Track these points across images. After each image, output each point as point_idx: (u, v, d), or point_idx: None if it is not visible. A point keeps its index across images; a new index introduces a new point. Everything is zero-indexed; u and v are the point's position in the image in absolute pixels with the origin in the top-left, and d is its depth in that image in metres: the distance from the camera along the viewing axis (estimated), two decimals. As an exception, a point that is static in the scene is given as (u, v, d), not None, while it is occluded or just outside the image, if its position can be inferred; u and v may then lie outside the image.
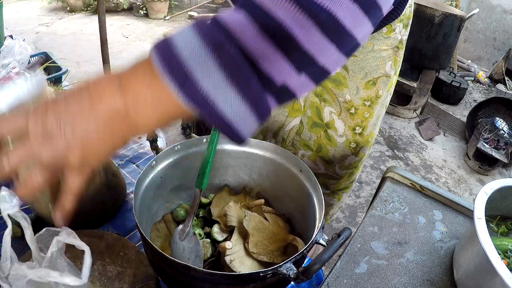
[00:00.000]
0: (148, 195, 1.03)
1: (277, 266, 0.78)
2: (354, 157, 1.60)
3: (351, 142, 1.53)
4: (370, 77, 1.39)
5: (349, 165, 1.63)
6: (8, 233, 0.68)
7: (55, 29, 7.51)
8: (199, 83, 0.48)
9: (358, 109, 1.44)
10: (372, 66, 1.37)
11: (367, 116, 1.47)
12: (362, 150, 1.58)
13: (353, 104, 1.44)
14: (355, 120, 1.47)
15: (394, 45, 1.36)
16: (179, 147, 1.11)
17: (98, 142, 0.58)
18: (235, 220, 1.07)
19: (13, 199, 0.66)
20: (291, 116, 1.46)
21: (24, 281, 0.64)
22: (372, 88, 1.41)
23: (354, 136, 1.52)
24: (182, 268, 0.78)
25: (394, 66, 1.42)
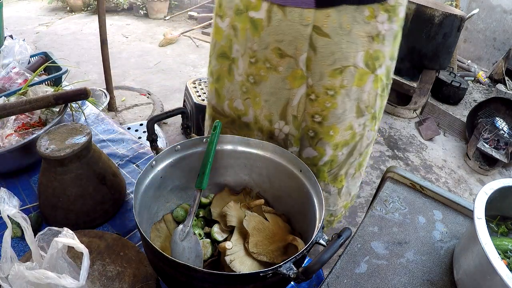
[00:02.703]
0: (148, 195, 1.03)
1: (277, 266, 0.78)
2: (311, 150, 1.48)
3: (309, 130, 1.43)
4: (339, 65, 1.30)
5: (307, 160, 1.50)
6: (8, 234, 0.68)
7: (55, 29, 7.51)
8: None
9: (319, 96, 1.35)
10: (343, 52, 1.27)
11: (329, 106, 1.37)
12: (321, 144, 1.46)
13: (313, 90, 1.35)
14: (314, 107, 1.38)
15: (371, 34, 1.28)
16: (179, 147, 1.11)
17: None
18: (235, 220, 1.08)
19: (12, 200, 0.67)
20: (295, 86, 1.35)
21: (24, 281, 0.64)
22: (337, 77, 1.32)
23: (312, 123, 1.41)
24: (182, 268, 0.78)
25: (365, 60, 1.33)
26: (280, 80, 1.32)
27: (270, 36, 1.26)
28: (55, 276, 0.62)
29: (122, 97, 4.79)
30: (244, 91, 1.40)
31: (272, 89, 1.35)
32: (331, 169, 1.53)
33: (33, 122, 1.55)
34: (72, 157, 1.13)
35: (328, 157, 1.47)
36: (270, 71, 1.32)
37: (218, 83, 1.50)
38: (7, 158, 1.38)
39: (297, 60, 1.28)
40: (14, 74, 1.87)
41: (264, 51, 1.29)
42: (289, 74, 1.31)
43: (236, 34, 1.33)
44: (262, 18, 1.25)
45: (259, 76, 1.34)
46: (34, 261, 0.69)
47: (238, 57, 1.37)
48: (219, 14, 1.40)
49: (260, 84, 1.36)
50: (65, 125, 1.22)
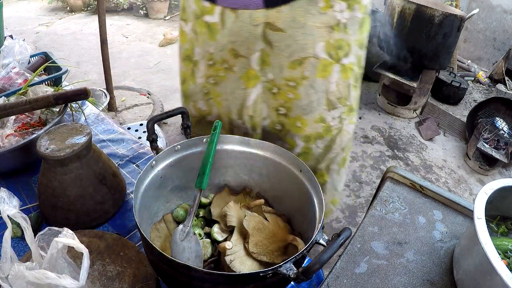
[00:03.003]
0: (148, 195, 1.03)
1: (277, 266, 0.78)
2: (283, 142, 1.49)
3: (276, 124, 1.46)
4: (297, 57, 1.30)
5: None
6: (8, 234, 0.68)
7: (55, 29, 7.51)
8: None
9: (281, 89, 1.37)
10: (300, 44, 1.28)
11: (291, 97, 1.38)
12: (290, 136, 1.48)
13: (275, 84, 1.37)
14: (277, 100, 1.40)
15: (329, 24, 1.27)
16: (179, 147, 1.11)
17: None
18: (235, 220, 1.08)
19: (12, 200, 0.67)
20: (249, 86, 1.39)
21: (24, 281, 0.64)
22: (297, 68, 1.32)
23: (278, 116, 1.44)
24: (182, 268, 0.79)
25: (327, 50, 1.32)
26: (236, 80, 1.37)
27: (225, 38, 1.30)
28: (55, 276, 0.62)
29: (122, 97, 4.79)
30: (206, 92, 1.46)
31: (230, 88, 1.40)
32: (306, 161, 1.44)
33: (33, 122, 1.56)
34: (72, 157, 1.13)
35: (300, 149, 1.49)
36: (228, 71, 1.36)
37: (183, 85, 1.55)
38: (7, 158, 1.38)
39: (249, 60, 1.32)
40: (14, 74, 1.87)
41: (221, 52, 1.34)
42: (243, 74, 1.36)
43: (197, 38, 1.37)
44: (216, 22, 1.29)
45: (219, 77, 1.39)
46: (34, 261, 0.69)
47: (199, 60, 1.41)
48: (183, 18, 1.43)
49: (220, 85, 1.41)
50: (65, 125, 1.22)
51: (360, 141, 4.24)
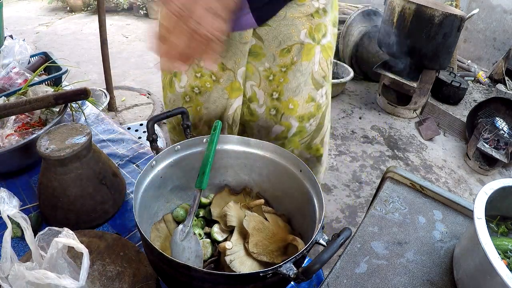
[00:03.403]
0: (148, 195, 1.03)
1: (277, 266, 0.78)
2: (279, 126, 1.58)
3: (271, 109, 1.54)
4: (285, 45, 1.40)
5: (276, 137, 1.62)
6: (8, 234, 0.68)
7: (55, 29, 7.53)
8: None
9: (275, 75, 1.47)
10: (285, 34, 1.38)
11: (282, 81, 1.48)
12: (285, 118, 1.55)
13: (272, 71, 1.46)
14: (272, 86, 1.49)
15: (308, 13, 1.38)
16: (179, 147, 1.11)
17: None
18: (235, 220, 1.08)
19: (12, 200, 0.67)
20: (232, 97, 1.48)
21: (24, 281, 0.64)
22: (287, 56, 1.43)
23: (272, 101, 1.53)
24: (182, 268, 0.78)
25: (311, 35, 1.42)
26: (221, 90, 1.45)
27: None
28: (55, 277, 0.62)
29: (122, 97, 4.80)
30: (187, 101, 1.51)
31: (213, 98, 1.48)
32: (302, 138, 1.63)
33: (33, 122, 1.56)
34: (72, 157, 1.13)
35: (295, 129, 1.58)
36: (215, 82, 1.44)
37: (163, 91, 1.61)
38: (7, 158, 1.37)
39: (236, 73, 1.42)
40: (14, 74, 1.88)
41: None
42: (228, 85, 1.45)
43: None
44: None
45: (204, 87, 1.46)
46: (34, 261, 0.69)
47: (182, 71, 1.47)
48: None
49: (204, 94, 1.48)
50: (65, 125, 1.22)
51: (360, 141, 4.25)
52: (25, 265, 0.65)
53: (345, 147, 4.13)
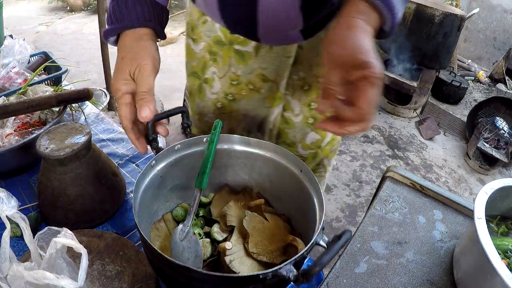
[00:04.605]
0: (147, 195, 1.03)
1: (277, 268, 0.77)
2: (315, 134, 1.60)
3: (308, 118, 1.55)
4: None
5: (311, 144, 1.64)
6: (7, 234, 0.68)
7: (55, 29, 7.52)
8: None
9: (311, 85, 1.47)
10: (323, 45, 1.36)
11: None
12: None
13: (306, 81, 1.46)
14: (309, 96, 1.49)
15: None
16: (179, 146, 1.11)
17: None
18: (235, 220, 1.07)
19: (11, 200, 0.67)
20: (273, 105, 1.49)
21: (23, 281, 0.64)
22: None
23: (310, 111, 1.53)
24: (182, 269, 0.78)
25: None
26: (261, 99, 1.45)
27: (255, 64, 1.37)
28: (53, 277, 0.62)
29: (122, 97, 4.79)
30: (219, 107, 1.50)
31: (252, 106, 1.47)
32: (332, 146, 1.68)
33: (33, 122, 1.55)
34: (71, 156, 1.13)
35: (329, 138, 1.62)
36: (252, 91, 1.43)
37: (190, 97, 1.59)
38: (7, 157, 1.37)
39: (278, 85, 1.42)
40: (14, 73, 1.89)
41: (248, 75, 1.39)
42: (269, 95, 1.44)
43: (215, 59, 1.40)
44: (250, 51, 1.34)
45: (240, 95, 1.45)
46: (33, 261, 0.69)
47: (214, 78, 1.44)
48: (191, 37, 1.45)
49: (239, 101, 1.46)
50: (64, 124, 1.22)
51: (360, 140, 4.25)
52: (23, 265, 0.65)
53: (345, 146, 4.13)
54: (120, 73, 1.00)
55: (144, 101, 0.97)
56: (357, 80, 0.77)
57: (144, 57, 1.00)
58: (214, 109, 1.51)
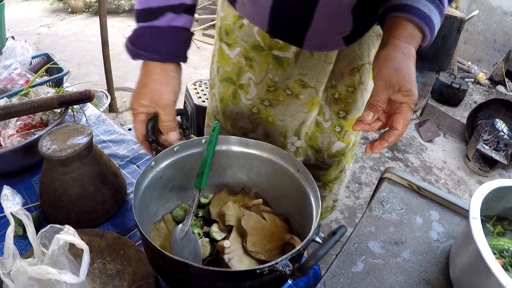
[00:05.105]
0: (147, 195, 1.04)
1: (274, 263, 0.79)
2: (340, 143, 1.63)
3: (336, 126, 1.58)
4: (355, 64, 1.42)
5: (336, 153, 1.67)
6: (11, 231, 0.69)
7: (56, 30, 7.53)
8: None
9: (342, 94, 1.49)
10: (357, 53, 1.39)
11: (350, 101, 1.51)
12: (347, 135, 1.62)
13: (337, 90, 1.48)
14: (338, 105, 1.52)
15: (378, 32, 1.39)
16: (178, 147, 1.12)
17: None
18: (233, 220, 1.09)
19: (15, 198, 0.68)
20: (311, 110, 1.49)
21: (26, 277, 0.65)
22: (355, 75, 1.44)
23: (338, 119, 1.56)
24: (181, 265, 0.80)
25: None
26: (300, 105, 1.45)
27: (294, 70, 1.36)
28: (56, 272, 0.63)
29: (123, 98, 4.81)
30: (255, 112, 1.49)
31: (290, 111, 1.47)
32: (352, 151, 1.75)
33: (35, 123, 1.57)
34: (73, 157, 1.15)
35: (351, 144, 1.67)
36: (290, 97, 1.43)
37: (221, 103, 1.56)
38: (10, 158, 1.39)
39: (318, 90, 1.42)
40: (16, 75, 1.89)
41: (286, 81, 1.39)
42: (308, 101, 1.44)
43: (251, 64, 1.39)
44: (289, 58, 1.34)
45: (277, 100, 1.44)
46: (36, 257, 0.70)
47: (250, 84, 1.43)
48: (226, 42, 1.43)
49: (276, 107, 1.46)
50: (66, 125, 1.23)
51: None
52: (27, 261, 0.67)
53: (345, 148, 4.13)
54: (141, 98, 1.09)
55: (170, 128, 1.11)
56: (399, 103, 0.89)
57: (166, 91, 1.09)
58: (249, 114, 1.51)
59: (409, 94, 0.87)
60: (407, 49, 0.92)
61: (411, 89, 0.87)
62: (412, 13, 0.94)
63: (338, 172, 1.78)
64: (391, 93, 0.88)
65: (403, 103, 0.89)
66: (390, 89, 0.88)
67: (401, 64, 0.90)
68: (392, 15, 0.98)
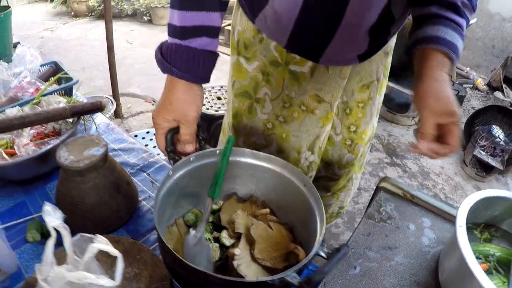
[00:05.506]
0: (164, 202, 1.11)
1: (284, 275, 0.87)
2: (350, 155, 1.70)
3: (347, 140, 1.65)
4: (365, 82, 1.49)
5: (346, 164, 1.74)
6: (52, 242, 0.77)
7: (59, 34, 7.54)
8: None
9: (352, 110, 1.56)
10: (367, 71, 1.47)
11: (360, 116, 1.59)
12: (356, 147, 1.69)
13: (348, 105, 1.55)
14: (349, 119, 1.59)
15: (386, 51, 1.48)
16: (194, 157, 1.19)
17: None
18: (242, 228, 1.15)
19: (56, 212, 0.76)
20: (325, 125, 1.54)
21: (63, 282, 0.73)
22: (365, 92, 1.52)
23: (348, 133, 1.63)
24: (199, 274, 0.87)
25: (384, 72, 1.54)
26: (315, 120, 1.48)
27: (309, 85, 1.40)
28: (94, 277, 0.71)
29: (128, 104, 4.84)
30: (269, 128, 1.52)
31: (305, 127, 1.50)
32: (359, 161, 1.82)
33: (47, 132, 1.62)
34: (90, 168, 1.20)
35: (360, 155, 1.73)
36: (305, 112, 1.46)
37: (234, 119, 1.59)
38: (25, 166, 1.44)
39: (332, 105, 1.47)
40: (26, 83, 1.92)
41: (302, 97, 1.43)
42: (323, 115, 1.48)
43: (268, 80, 1.42)
44: (305, 72, 1.38)
45: (291, 117, 1.48)
46: (69, 263, 0.78)
47: (266, 99, 1.47)
48: (245, 55, 1.46)
49: (290, 123, 1.50)
50: (81, 137, 1.29)
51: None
52: (65, 267, 0.75)
53: (344, 153, 4.15)
54: (166, 114, 1.17)
55: (188, 141, 1.20)
56: (447, 124, 0.97)
57: (190, 109, 1.17)
58: (264, 129, 1.54)
59: (453, 115, 0.96)
60: (441, 76, 1.01)
61: (453, 110, 0.96)
62: (441, 44, 1.03)
63: (346, 181, 1.84)
64: (437, 119, 0.96)
65: (451, 123, 0.96)
66: (435, 117, 0.97)
67: (440, 92, 0.99)
68: (422, 46, 1.06)
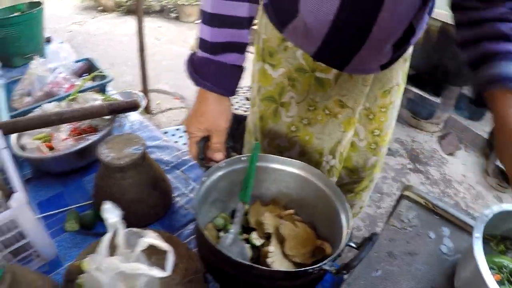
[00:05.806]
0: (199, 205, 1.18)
1: (322, 264, 0.97)
2: (375, 157, 1.76)
3: (372, 144, 1.70)
4: (387, 87, 1.54)
5: (371, 166, 1.79)
6: (109, 236, 0.85)
7: (87, 29, 7.58)
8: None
9: (375, 115, 1.61)
10: (388, 77, 1.52)
11: (383, 120, 1.64)
12: (380, 149, 1.75)
13: (371, 111, 1.60)
14: (373, 124, 1.64)
15: (405, 57, 1.53)
16: (224, 164, 1.26)
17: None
18: (271, 228, 1.23)
19: (114, 211, 0.84)
20: (347, 130, 1.57)
21: (115, 272, 0.81)
22: (387, 97, 1.57)
23: (373, 138, 1.68)
24: (245, 267, 0.96)
25: (403, 76, 1.60)
26: (337, 124, 1.52)
27: (334, 91, 1.44)
28: (146, 267, 0.80)
29: (157, 100, 4.91)
30: (293, 130, 1.55)
31: (328, 130, 1.54)
32: (381, 161, 1.86)
33: (84, 127, 1.71)
34: (130, 165, 1.28)
35: (382, 155, 1.79)
36: (329, 116, 1.50)
37: (261, 122, 1.63)
38: (64, 160, 1.54)
39: (355, 111, 1.51)
40: (61, 79, 2.01)
41: (326, 101, 1.47)
42: (345, 120, 1.52)
43: (294, 85, 1.45)
44: (330, 79, 1.42)
45: (315, 119, 1.51)
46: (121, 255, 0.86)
47: (291, 102, 1.50)
48: (270, 63, 1.48)
49: (314, 126, 1.53)
50: (121, 135, 1.37)
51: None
52: (118, 258, 0.83)
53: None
54: (199, 124, 1.25)
55: (218, 149, 1.28)
56: None
57: (221, 120, 1.25)
58: (287, 132, 1.56)
59: None
60: None
61: None
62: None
63: (369, 181, 1.90)
64: None
65: None
66: None
67: None
68: (493, 88, 1.12)
